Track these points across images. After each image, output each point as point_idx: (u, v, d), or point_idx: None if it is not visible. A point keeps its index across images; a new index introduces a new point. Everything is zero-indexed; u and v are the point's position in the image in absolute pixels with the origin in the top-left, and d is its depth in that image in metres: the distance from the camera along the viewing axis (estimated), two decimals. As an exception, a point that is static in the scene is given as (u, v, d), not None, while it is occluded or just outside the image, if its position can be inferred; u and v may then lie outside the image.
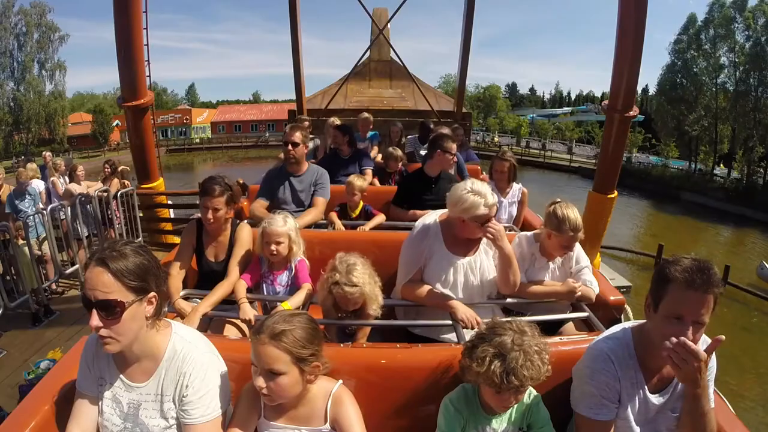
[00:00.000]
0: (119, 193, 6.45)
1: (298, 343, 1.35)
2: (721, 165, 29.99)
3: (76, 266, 5.70)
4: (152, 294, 1.35)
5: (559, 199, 2.40)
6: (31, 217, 5.34)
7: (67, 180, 6.56)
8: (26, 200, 5.68)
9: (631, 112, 6.60)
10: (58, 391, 1.56)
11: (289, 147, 3.34)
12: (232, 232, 2.59)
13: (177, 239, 2.69)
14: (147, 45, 7.35)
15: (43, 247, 5.56)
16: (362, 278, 2.08)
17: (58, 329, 4.85)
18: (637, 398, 1.51)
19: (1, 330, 4.67)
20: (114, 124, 50.57)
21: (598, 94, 71.84)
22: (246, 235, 2.58)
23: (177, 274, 2.44)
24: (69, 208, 5.70)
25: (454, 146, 3.38)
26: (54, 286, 5.64)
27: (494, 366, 1.39)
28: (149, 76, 7.62)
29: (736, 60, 27.58)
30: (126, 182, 6.84)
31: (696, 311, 1.32)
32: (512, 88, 75.21)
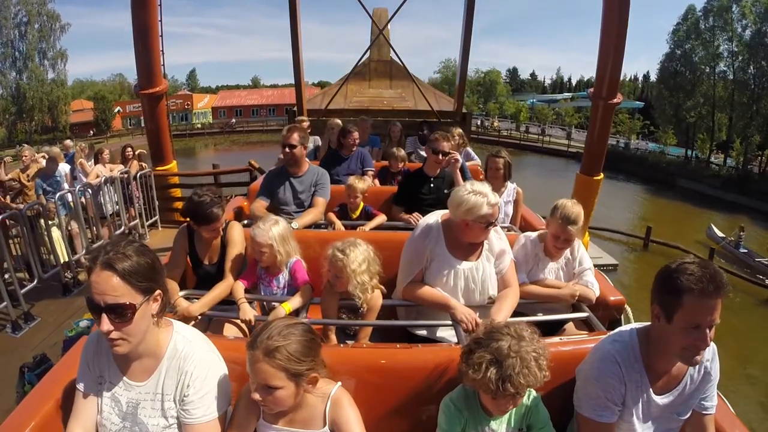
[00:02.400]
0: (138, 174, 6.89)
1: (293, 359, 1.31)
2: (723, 154, 30.16)
3: (101, 242, 6.06)
4: (158, 292, 1.35)
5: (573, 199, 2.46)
6: (60, 197, 5.78)
7: (93, 163, 6.98)
8: (53, 182, 6.11)
9: (615, 99, 6.84)
10: (59, 390, 1.55)
11: (287, 149, 3.36)
12: (223, 233, 2.57)
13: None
14: (162, 36, 7.68)
15: (71, 224, 5.99)
16: (354, 256, 2.13)
17: (88, 298, 5.31)
18: (641, 400, 1.51)
19: (33, 300, 5.07)
20: (116, 110, 50.63)
21: (599, 80, 70.62)
22: (237, 234, 2.56)
23: (172, 279, 2.43)
24: (94, 188, 6.13)
25: (444, 144, 3.42)
26: (82, 260, 6.07)
27: (490, 373, 1.37)
28: (164, 65, 7.97)
29: (735, 49, 27.67)
30: (144, 164, 7.29)
31: (712, 316, 1.33)
32: (513, 73, 74.54)
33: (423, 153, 4.72)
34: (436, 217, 2.32)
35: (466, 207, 2.10)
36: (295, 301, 2.29)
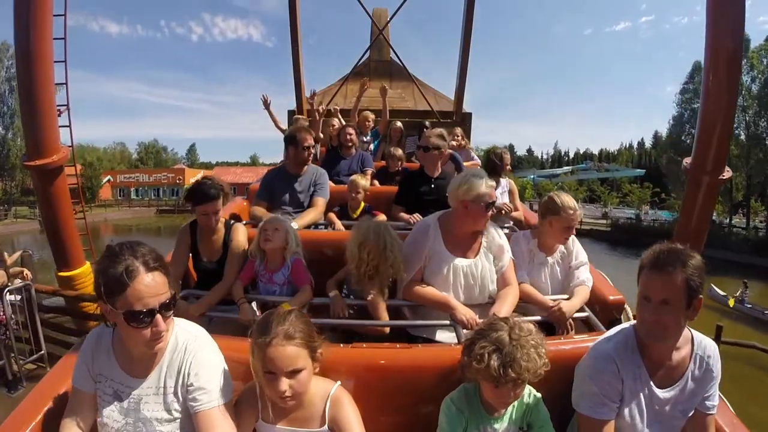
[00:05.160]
0: (6, 290, 4.49)
1: (307, 333, 1.38)
2: (745, 217, 28.59)
3: None
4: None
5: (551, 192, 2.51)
6: None
7: None
8: None
9: (724, 175, 5.16)
10: (58, 392, 1.56)
11: (303, 151, 3.32)
12: (226, 233, 2.56)
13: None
14: (65, 84, 5.69)
15: None
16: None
17: None
18: (642, 394, 1.52)
19: None
20: (105, 180, 49.32)
21: (596, 151, 72.67)
22: (241, 235, 2.55)
23: (175, 276, 2.29)
24: None
25: (434, 140, 3.33)
26: None
27: (492, 361, 1.41)
28: (69, 126, 5.90)
29: (745, 104, 26.89)
30: (26, 273, 4.89)
31: (660, 291, 1.40)
32: (510, 149, 75.84)
33: None
34: (433, 216, 2.38)
35: (466, 186, 2.20)
36: (296, 302, 2.25)
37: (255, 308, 2.40)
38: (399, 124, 5.96)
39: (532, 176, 53.95)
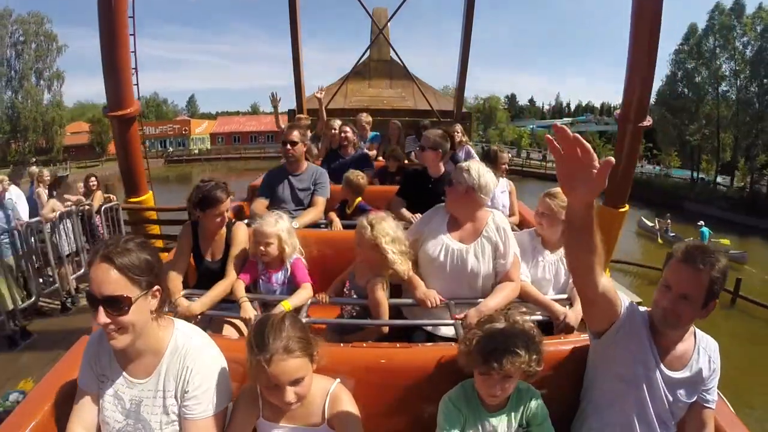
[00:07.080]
0: (103, 208, 6.10)
1: (305, 341, 1.37)
2: (729, 175, 29.82)
3: (56, 285, 5.44)
4: (156, 287, 1.36)
5: None
6: (7, 233, 4.99)
7: (50, 193, 6.21)
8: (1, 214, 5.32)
9: (645, 123, 6.33)
10: (58, 390, 1.55)
11: (288, 146, 3.38)
12: (228, 232, 2.59)
13: (166, 255, 2.73)
14: (134, 52, 7.03)
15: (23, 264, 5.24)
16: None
17: (35, 354, 4.56)
18: (650, 371, 1.55)
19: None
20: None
21: (598, 105, 71.98)
22: (242, 234, 2.59)
23: (176, 275, 2.43)
24: (49, 224, 5.39)
25: (435, 141, 3.40)
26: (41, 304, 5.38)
27: (478, 348, 1.45)
28: (137, 84, 7.27)
29: (737, 68, 27.52)
30: (111, 196, 6.50)
31: (683, 284, 1.43)
32: (511, 99, 75.16)
33: None
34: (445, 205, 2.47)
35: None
36: (295, 300, 2.29)
37: (256, 307, 2.41)
38: (397, 123, 6.11)
39: (531, 126, 54.47)
